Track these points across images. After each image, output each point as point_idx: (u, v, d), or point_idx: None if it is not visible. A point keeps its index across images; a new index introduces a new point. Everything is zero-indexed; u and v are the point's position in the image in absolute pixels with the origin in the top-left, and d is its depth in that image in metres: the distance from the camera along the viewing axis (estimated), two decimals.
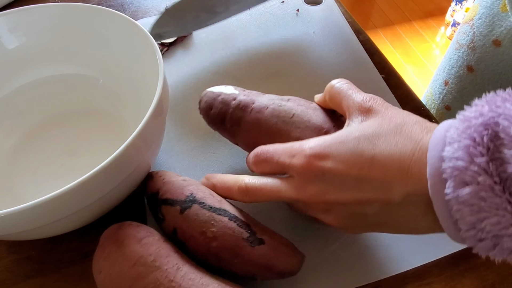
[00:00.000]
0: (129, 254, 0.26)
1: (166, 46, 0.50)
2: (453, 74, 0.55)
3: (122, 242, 0.26)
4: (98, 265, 0.27)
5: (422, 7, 2.15)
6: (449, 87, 0.57)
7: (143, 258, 0.26)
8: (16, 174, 0.38)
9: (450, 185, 0.20)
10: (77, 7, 0.38)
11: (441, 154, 0.21)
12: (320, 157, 0.25)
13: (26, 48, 0.39)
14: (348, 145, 0.25)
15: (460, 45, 0.53)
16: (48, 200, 0.24)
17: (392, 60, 1.54)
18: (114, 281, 0.25)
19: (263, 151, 0.29)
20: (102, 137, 0.40)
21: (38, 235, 0.29)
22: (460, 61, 0.53)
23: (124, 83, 0.41)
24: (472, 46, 0.50)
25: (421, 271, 0.33)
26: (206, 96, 0.36)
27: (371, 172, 0.24)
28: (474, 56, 0.50)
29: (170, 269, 0.26)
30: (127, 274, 0.25)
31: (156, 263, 0.25)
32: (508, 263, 0.33)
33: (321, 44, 0.51)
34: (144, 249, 0.26)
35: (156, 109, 0.29)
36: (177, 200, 0.29)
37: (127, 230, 0.27)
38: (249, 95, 0.34)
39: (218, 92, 0.35)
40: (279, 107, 0.32)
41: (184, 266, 0.26)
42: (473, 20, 0.50)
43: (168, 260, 0.26)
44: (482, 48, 0.49)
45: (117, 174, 0.27)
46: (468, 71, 0.52)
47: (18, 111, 0.41)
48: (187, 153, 0.40)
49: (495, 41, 0.47)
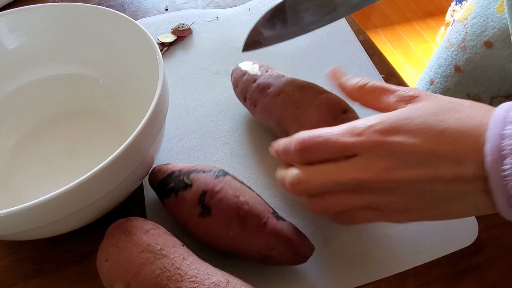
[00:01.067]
0: (137, 241, 0.27)
1: (166, 46, 0.50)
2: (440, 73, 0.55)
3: (130, 232, 0.27)
4: (105, 253, 0.27)
5: (422, 7, 2.15)
6: (434, 87, 0.56)
7: (151, 246, 0.27)
8: (16, 174, 0.38)
9: (509, 161, 0.21)
10: (77, 7, 0.38)
11: (501, 132, 0.21)
12: (390, 131, 0.24)
13: (26, 48, 0.39)
14: (415, 120, 0.24)
15: (450, 44, 0.53)
16: (48, 200, 0.24)
17: (392, 60, 1.54)
18: (122, 266, 0.26)
19: (313, 136, 0.27)
20: (102, 137, 0.40)
21: (38, 235, 0.29)
22: (449, 60, 0.53)
23: (124, 83, 0.41)
24: (463, 46, 0.50)
25: (421, 271, 0.33)
26: (235, 72, 0.41)
27: (443, 146, 0.23)
28: (464, 56, 0.50)
29: (176, 258, 0.27)
30: (136, 259, 0.26)
31: (164, 251, 0.27)
32: (508, 263, 0.33)
33: (321, 44, 0.51)
34: (152, 239, 0.27)
35: (156, 109, 0.29)
36: (211, 170, 0.32)
37: (134, 222, 0.28)
38: (269, 78, 0.37)
39: (244, 70, 0.39)
40: (289, 95, 0.35)
41: (190, 257, 0.27)
42: (467, 19, 0.50)
43: (174, 250, 0.27)
44: (473, 48, 0.48)
45: (117, 174, 0.27)
46: (456, 71, 0.52)
47: (18, 111, 0.41)
48: (187, 153, 0.40)
49: (487, 42, 0.46)
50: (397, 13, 2.11)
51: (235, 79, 0.40)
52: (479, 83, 0.49)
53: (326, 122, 0.32)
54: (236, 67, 0.41)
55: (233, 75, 0.41)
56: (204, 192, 0.30)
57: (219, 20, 0.54)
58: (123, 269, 0.26)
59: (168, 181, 0.32)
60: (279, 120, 0.36)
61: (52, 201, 0.24)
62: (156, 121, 0.30)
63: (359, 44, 0.51)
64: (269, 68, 0.39)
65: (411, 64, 1.86)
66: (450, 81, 0.53)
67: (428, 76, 0.58)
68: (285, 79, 0.37)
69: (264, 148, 0.40)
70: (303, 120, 0.33)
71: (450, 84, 0.53)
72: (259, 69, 0.39)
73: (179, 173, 0.32)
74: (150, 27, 0.53)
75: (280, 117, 0.36)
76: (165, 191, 0.32)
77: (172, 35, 0.51)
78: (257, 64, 0.39)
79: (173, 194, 0.31)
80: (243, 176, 0.38)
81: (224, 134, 0.42)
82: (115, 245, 0.27)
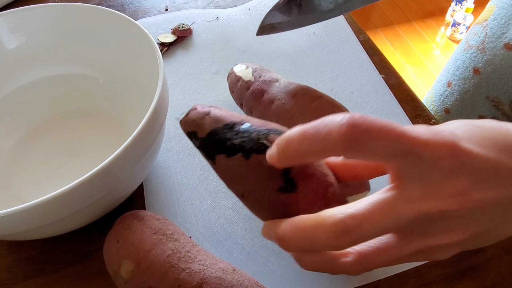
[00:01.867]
0: (150, 225, 0.28)
1: (166, 46, 0.50)
2: (458, 75, 0.54)
3: (142, 218, 0.28)
4: (117, 235, 0.28)
5: (422, 7, 2.15)
6: (452, 89, 0.56)
7: (163, 230, 0.28)
8: (16, 174, 0.38)
9: None
10: (77, 7, 0.38)
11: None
12: (462, 138, 0.19)
13: (26, 48, 0.39)
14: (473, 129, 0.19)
15: (469, 46, 0.52)
16: (48, 200, 0.24)
17: (392, 60, 1.54)
18: (134, 245, 0.26)
19: (368, 120, 0.18)
20: (102, 137, 0.40)
21: (38, 235, 0.29)
22: (467, 62, 0.52)
23: (124, 83, 0.41)
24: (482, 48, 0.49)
25: (421, 271, 0.33)
26: (230, 78, 0.40)
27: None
28: (483, 58, 0.50)
29: (186, 244, 0.28)
30: (149, 239, 0.27)
31: (175, 236, 0.28)
32: (508, 263, 0.33)
33: (321, 44, 0.51)
34: (163, 225, 0.28)
35: (156, 109, 0.29)
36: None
37: (145, 212, 0.29)
38: (262, 85, 0.37)
39: (238, 76, 0.39)
40: (282, 104, 0.35)
41: (198, 246, 0.28)
42: (486, 21, 0.49)
43: (184, 237, 0.28)
44: (493, 50, 0.48)
45: (117, 174, 0.27)
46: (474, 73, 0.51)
47: (18, 111, 0.41)
48: (187, 153, 0.40)
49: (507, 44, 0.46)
50: (397, 13, 2.11)
51: (231, 85, 0.40)
52: (499, 85, 0.49)
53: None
54: (230, 71, 0.40)
55: (229, 80, 0.40)
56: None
57: (219, 20, 0.54)
58: (135, 248, 0.26)
59: (228, 135, 0.24)
60: None
61: (52, 201, 0.24)
62: (156, 121, 0.30)
63: (359, 44, 0.51)
64: (263, 71, 0.38)
65: (411, 64, 1.86)
66: (469, 84, 0.52)
67: (445, 78, 0.58)
68: (278, 84, 0.36)
69: None
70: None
71: (469, 87, 0.52)
72: (253, 74, 0.38)
73: (250, 129, 0.24)
74: (150, 27, 0.53)
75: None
76: (224, 147, 0.24)
77: (172, 35, 0.51)
78: (251, 68, 0.39)
79: (240, 155, 0.23)
80: None
81: None
82: (128, 228, 0.28)
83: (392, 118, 0.42)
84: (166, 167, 0.39)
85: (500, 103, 0.50)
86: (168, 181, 0.38)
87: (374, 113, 0.43)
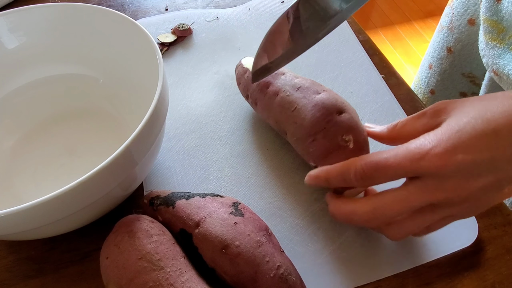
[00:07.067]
0: (138, 246, 0.27)
1: (166, 46, 0.50)
2: (436, 56, 0.57)
3: (134, 234, 0.27)
4: (108, 250, 0.27)
5: (422, 7, 2.15)
6: (433, 70, 0.58)
7: (150, 255, 0.26)
8: (16, 174, 0.38)
9: None
10: (77, 7, 0.38)
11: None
12: (450, 152, 0.25)
13: (26, 48, 0.39)
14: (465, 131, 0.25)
15: (442, 27, 0.55)
16: (48, 200, 0.24)
17: (392, 60, 1.54)
18: (119, 269, 0.26)
19: (374, 162, 0.27)
20: (102, 137, 0.40)
21: (38, 235, 0.29)
22: (442, 43, 0.55)
23: (124, 83, 0.41)
24: (451, 27, 0.51)
25: (421, 271, 0.33)
26: (238, 70, 0.42)
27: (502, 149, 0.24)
28: (453, 37, 0.52)
29: (172, 273, 0.26)
30: (133, 266, 0.26)
31: (161, 263, 0.26)
32: (508, 263, 0.33)
33: (321, 44, 0.51)
34: (153, 247, 0.27)
35: (156, 109, 0.29)
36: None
37: (142, 224, 0.28)
38: (268, 77, 0.38)
39: (246, 68, 0.40)
40: (287, 96, 0.35)
41: (187, 273, 0.27)
42: (453, 1, 0.52)
43: (172, 263, 0.27)
44: (459, 28, 0.50)
45: (117, 174, 0.27)
46: (448, 52, 0.53)
47: (18, 111, 0.41)
48: (187, 153, 0.40)
49: (470, 20, 0.48)
50: (397, 13, 2.11)
51: (238, 77, 0.41)
52: (469, 61, 0.51)
53: (320, 124, 0.32)
54: (239, 64, 0.42)
55: (236, 71, 0.42)
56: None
57: (219, 20, 0.54)
58: (119, 272, 0.26)
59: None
60: (277, 120, 0.36)
61: (52, 201, 0.24)
62: (156, 121, 0.30)
63: (359, 44, 0.51)
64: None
65: (411, 64, 1.86)
66: (445, 63, 0.55)
67: (427, 61, 0.60)
68: (284, 77, 0.37)
69: (264, 148, 0.40)
70: (299, 122, 0.34)
71: (445, 66, 0.55)
72: None
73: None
74: (150, 27, 0.53)
75: (278, 118, 0.36)
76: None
77: (172, 35, 0.51)
78: None
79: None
80: (243, 177, 0.38)
81: (224, 134, 0.42)
82: (117, 245, 0.27)
83: (392, 118, 0.42)
84: (166, 167, 0.39)
85: (475, 77, 0.53)
86: (168, 181, 0.38)
87: (374, 113, 0.43)
